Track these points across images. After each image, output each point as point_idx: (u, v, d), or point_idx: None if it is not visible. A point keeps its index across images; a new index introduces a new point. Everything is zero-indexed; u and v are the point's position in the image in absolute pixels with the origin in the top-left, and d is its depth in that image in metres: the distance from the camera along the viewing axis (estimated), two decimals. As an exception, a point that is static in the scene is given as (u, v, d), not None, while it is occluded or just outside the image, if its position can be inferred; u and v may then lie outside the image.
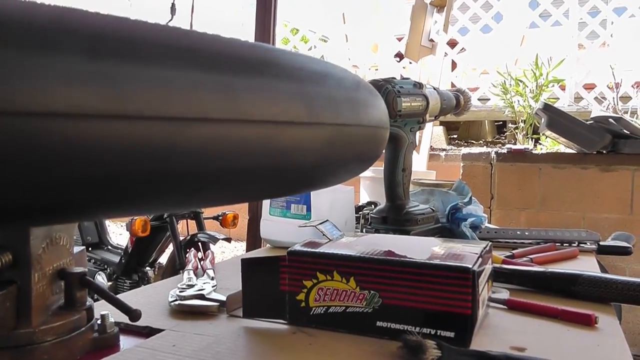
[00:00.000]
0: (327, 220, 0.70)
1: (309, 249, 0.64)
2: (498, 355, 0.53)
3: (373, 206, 1.24)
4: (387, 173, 1.02)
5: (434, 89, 1.11)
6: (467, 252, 0.61)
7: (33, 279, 0.53)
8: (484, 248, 0.64)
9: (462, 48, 4.90)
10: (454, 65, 4.97)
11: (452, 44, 4.79)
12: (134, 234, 2.54)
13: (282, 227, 1.08)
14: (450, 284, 0.56)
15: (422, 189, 1.23)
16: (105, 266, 3.10)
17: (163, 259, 3.20)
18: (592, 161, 2.50)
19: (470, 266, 0.55)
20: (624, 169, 2.45)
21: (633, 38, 4.35)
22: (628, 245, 1.04)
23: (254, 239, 2.60)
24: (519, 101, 3.60)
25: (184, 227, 2.82)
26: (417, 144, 3.40)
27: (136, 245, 2.93)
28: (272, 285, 0.64)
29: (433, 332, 0.57)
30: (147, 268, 3.01)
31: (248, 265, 0.66)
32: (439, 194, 1.19)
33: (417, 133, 1.08)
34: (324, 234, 0.68)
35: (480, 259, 0.59)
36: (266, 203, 1.12)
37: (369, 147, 0.43)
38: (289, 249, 0.64)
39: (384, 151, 1.08)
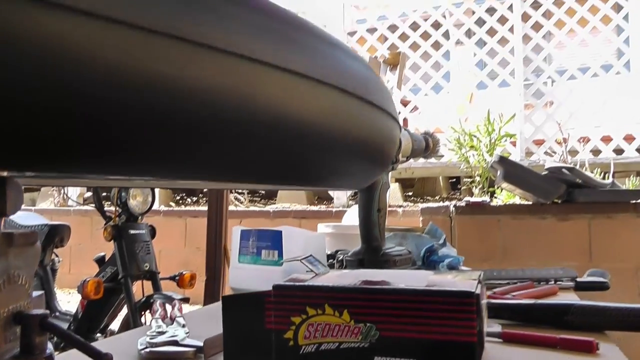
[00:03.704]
0: (310, 255, 0.66)
1: (297, 283, 0.60)
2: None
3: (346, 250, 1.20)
4: (363, 214, 1.00)
5: (405, 129, 1.10)
6: (465, 278, 0.58)
7: (-17, 325, 0.46)
8: (479, 276, 0.61)
9: (415, 106, 5.02)
10: (405, 123, 5.07)
11: (405, 102, 4.90)
12: (85, 296, 2.40)
13: (252, 275, 1.03)
14: (453, 310, 0.52)
15: (394, 234, 1.21)
16: (52, 335, 2.92)
17: (114, 326, 3.04)
18: (549, 211, 2.53)
19: (473, 290, 0.52)
20: (580, 218, 2.49)
21: (575, 97, 4.54)
22: (605, 280, 1.03)
23: (211, 301, 2.50)
24: (473, 155, 3.67)
25: (139, 289, 2.70)
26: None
27: (87, 309, 2.78)
28: (256, 324, 0.59)
29: (435, 364, 0.53)
30: (98, 335, 2.85)
31: (230, 303, 0.61)
32: (412, 238, 1.17)
33: (389, 174, 1.06)
34: (310, 269, 0.64)
35: (479, 284, 0.56)
36: (235, 251, 1.07)
37: (379, 138, 0.39)
38: (274, 283, 0.60)
39: (358, 193, 1.06)
